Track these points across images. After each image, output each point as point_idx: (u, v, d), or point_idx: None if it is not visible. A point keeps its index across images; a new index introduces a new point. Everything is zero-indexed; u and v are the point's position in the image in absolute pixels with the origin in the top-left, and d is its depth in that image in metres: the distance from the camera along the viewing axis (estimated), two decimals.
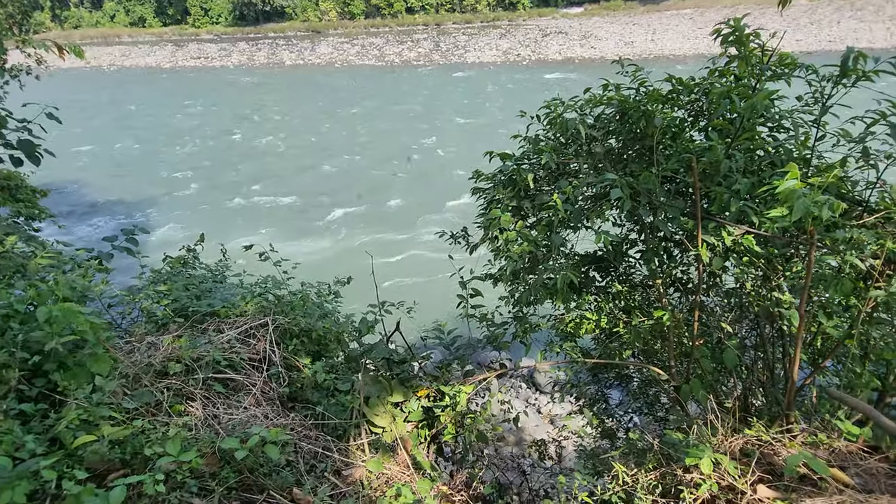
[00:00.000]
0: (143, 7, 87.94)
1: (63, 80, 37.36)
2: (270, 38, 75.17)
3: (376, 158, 24.69)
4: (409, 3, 78.17)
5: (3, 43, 7.03)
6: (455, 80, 43.29)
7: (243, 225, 18.23)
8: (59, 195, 20.99)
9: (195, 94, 42.23)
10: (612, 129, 3.77)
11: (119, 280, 4.55)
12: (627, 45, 51.59)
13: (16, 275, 3.00)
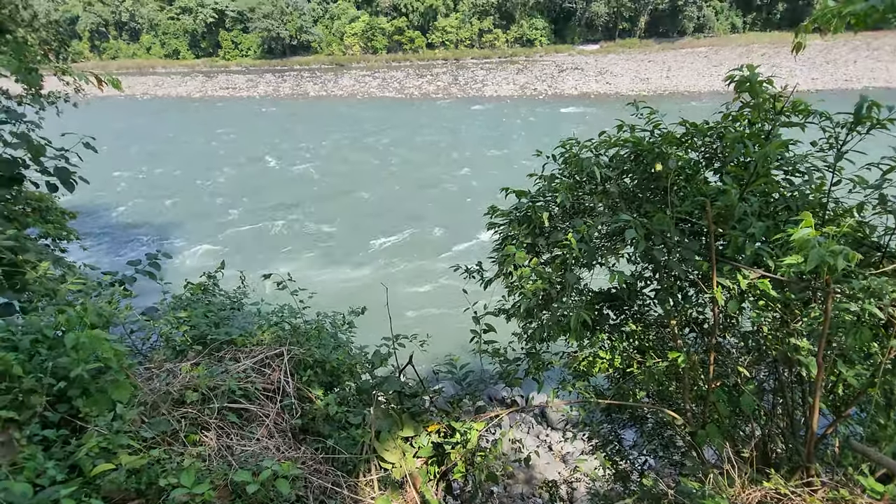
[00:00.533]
0: (177, 40, 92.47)
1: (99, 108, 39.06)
2: (296, 70, 78.15)
3: (409, 187, 25.04)
4: (429, 39, 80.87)
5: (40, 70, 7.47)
6: (473, 112, 44.22)
7: (282, 251, 18.52)
8: (94, 217, 21.73)
9: (226, 123, 43.79)
10: (627, 168, 3.82)
11: (141, 303, 4.67)
12: (643, 82, 52.33)
13: (45, 298, 3.12)
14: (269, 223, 21.45)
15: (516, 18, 79.91)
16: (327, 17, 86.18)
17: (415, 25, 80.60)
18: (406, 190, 24.53)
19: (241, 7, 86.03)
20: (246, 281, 4.88)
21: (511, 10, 78.92)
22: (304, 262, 17.47)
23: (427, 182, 25.42)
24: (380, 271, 16.66)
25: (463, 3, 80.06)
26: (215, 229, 20.82)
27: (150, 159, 32.45)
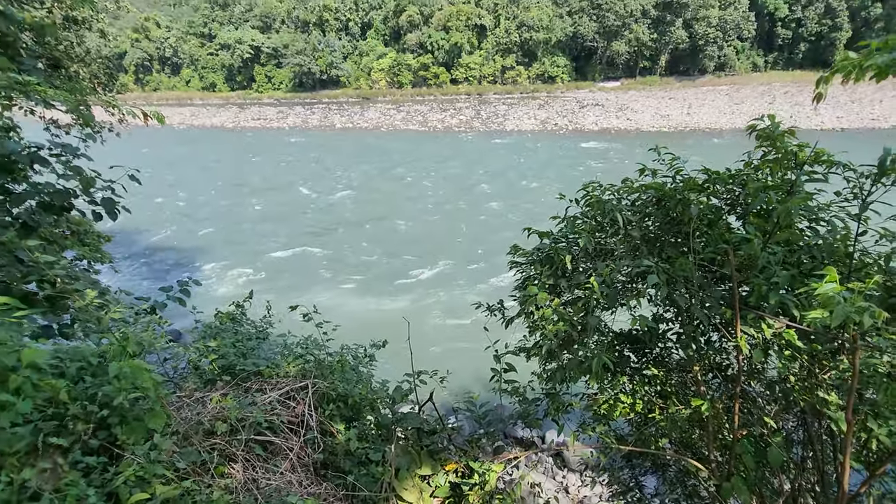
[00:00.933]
0: (215, 74, 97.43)
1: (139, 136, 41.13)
2: (324, 103, 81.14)
3: (442, 219, 25.25)
4: (453, 74, 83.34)
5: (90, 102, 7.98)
6: (494, 145, 44.95)
7: (317, 279, 18.70)
8: (128, 241, 22.50)
9: (259, 152, 45.46)
10: (649, 212, 3.88)
11: (168, 324, 4.84)
12: (663, 118, 52.61)
13: (88, 325, 3.28)
14: (303, 250, 21.82)
15: (538, 56, 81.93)
16: (356, 53, 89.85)
17: (440, 62, 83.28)
18: (439, 221, 24.71)
19: (276, 44, 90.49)
20: (272, 310, 5.02)
21: (533, 48, 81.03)
22: (338, 291, 17.60)
23: (459, 214, 25.60)
24: (413, 303, 16.55)
25: (487, 42, 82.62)
26: (250, 256, 21.25)
27: (185, 186, 33.65)
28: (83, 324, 3.22)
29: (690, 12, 74.18)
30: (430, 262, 19.82)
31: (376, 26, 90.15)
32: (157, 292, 4.90)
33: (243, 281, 18.65)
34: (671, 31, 74.92)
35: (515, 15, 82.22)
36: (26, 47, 8.37)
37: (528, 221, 4.38)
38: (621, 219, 3.45)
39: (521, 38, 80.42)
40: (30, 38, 8.36)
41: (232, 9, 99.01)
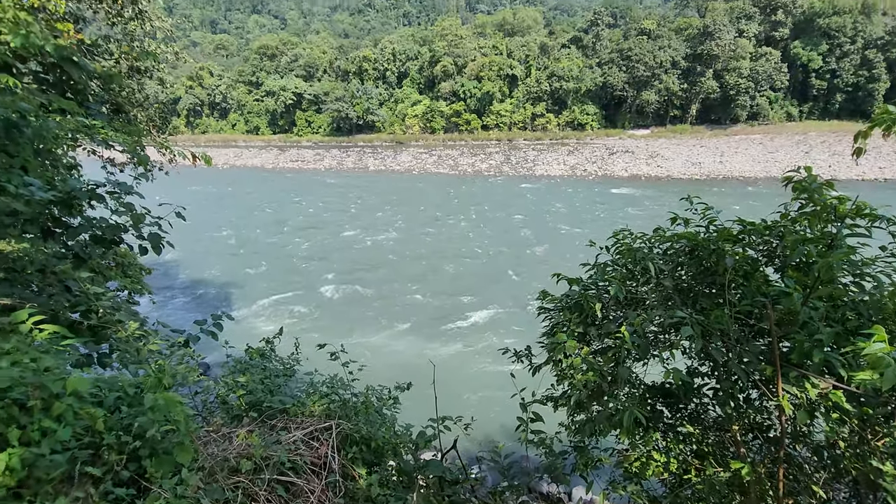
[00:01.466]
0: (259, 118, 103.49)
1: (187, 175, 43.42)
2: (359, 146, 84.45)
3: (488, 263, 25.10)
4: (484, 121, 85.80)
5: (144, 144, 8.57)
6: (523, 189, 45.40)
7: (368, 318, 18.68)
8: (168, 273, 23.39)
9: (300, 192, 47.24)
10: (682, 261, 3.81)
11: (198, 354, 4.94)
12: (695, 166, 52.24)
13: (127, 355, 3.40)
14: (347, 289, 21.87)
15: (568, 104, 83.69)
16: (392, 100, 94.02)
17: (471, 109, 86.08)
18: (484, 265, 24.47)
19: (318, 91, 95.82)
20: (300, 347, 5.08)
21: (563, 96, 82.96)
22: (381, 331, 17.31)
23: (502, 258, 25.38)
24: (455, 347, 16.19)
25: (518, 90, 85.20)
26: (293, 293, 21.43)
27: (227, 223, 35.06)
28: (122, 354, 3.34)
29: (721, 63, 74.89)
30: (476, 305, 19.53)
31: (412, 75, 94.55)
32: (191, 325, 5.06)
33: (285, 317, 18.84)
34: (701, 81, 75.55)
35: (546, 65, 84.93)
36: (94, 93, 9.13)
37: (562, 266, 4.36)
38: (653, 268, 3.40)
39: (552, 87, 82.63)
40: (97, 85, 9.13)
41: (279, 59, 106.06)
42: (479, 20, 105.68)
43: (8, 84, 5.26)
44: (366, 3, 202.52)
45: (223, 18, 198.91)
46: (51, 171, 6.32)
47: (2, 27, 5.68)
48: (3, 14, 5.81)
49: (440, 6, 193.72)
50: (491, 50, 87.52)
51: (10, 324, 2.61)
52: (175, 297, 21.34)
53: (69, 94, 7.92)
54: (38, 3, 7.90)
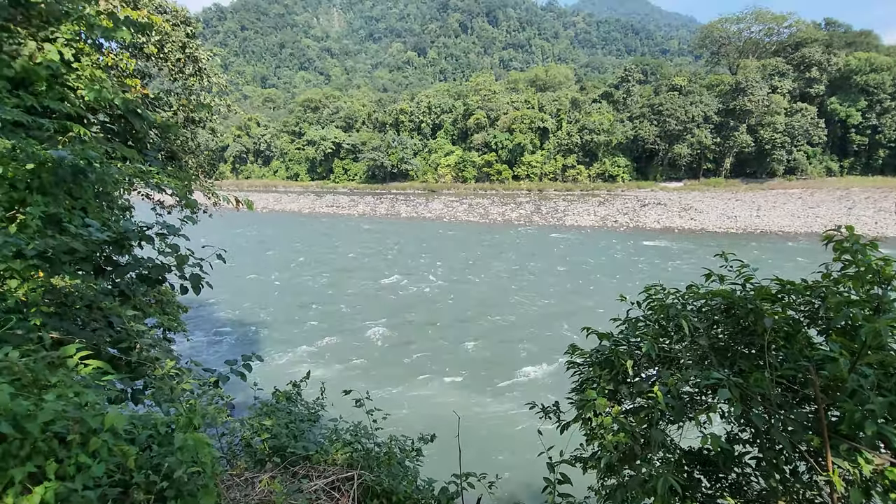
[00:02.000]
0: (299, 165, 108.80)
1: (228, 217, 45.31)
2: (393, 194, 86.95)
3: (538, 315, 24.29)
4: (515, 171, 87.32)
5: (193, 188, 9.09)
6: (553, 239, 45.25)
7: (408, 367, 18.29)
8: (204, 312, 24.05)
9: (338, 236, 48.37)
10: (718, 320, 3.70)
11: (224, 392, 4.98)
12: (730, 219, 51.07)
13: (162, 393, 3.49)
14: (387, 335, 21.47)
15: (599, 156, 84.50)
16: (426, 150, 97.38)
17: (503, 160, 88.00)
18: (535, 317, 23.76)
19: (355, 141, 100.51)
20: (326, 392, 5.08)
21: (594, 149, 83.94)
22: (412, 380, 17.02)
23: (551, 311, 24.76)
24: (493, 401, 15.48)
25: (549, 142, 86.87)
26: (334, 337, 21.29)
27: (263, 264, 36.15)
28: (157, 392, 3.43)
29: (755, 118, 74.68)
30: (507, 356, 18.96)
31: (446, 127, 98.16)
32: (221, 364, 5.16)
33: (318, 361, 18.65)
34: (735, 135, 75.26)
35: (577, 119, 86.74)
36: (152, 142, 9.84)
37: (592, 318, 4.28)
38: (687, 326, 3.31)
39: (582, 139, 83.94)
40: (156, 133, 9.85)
41: (321, 111, 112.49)
42: (512, 76, 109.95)
43: (79, 133, 5.76)
44: (404, 61, 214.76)
45: (273, 74, 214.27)
46: (107, 211, 6.76)
47: (80, 83, 6.30)
48: (82, 72, 6.46)
49: (475, 64, 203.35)
50: (523, 104, 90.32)
51: (58, 357, 2.75)
52: (208, 336, 21.81)
53: (130, 143, 8.57)
54: (111, 61, 8.76)
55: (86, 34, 6.71)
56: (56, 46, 5.88)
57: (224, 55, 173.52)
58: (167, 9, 13.30)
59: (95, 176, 5.33)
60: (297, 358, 18.96)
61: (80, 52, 6.63)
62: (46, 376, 2.51)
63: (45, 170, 4.76)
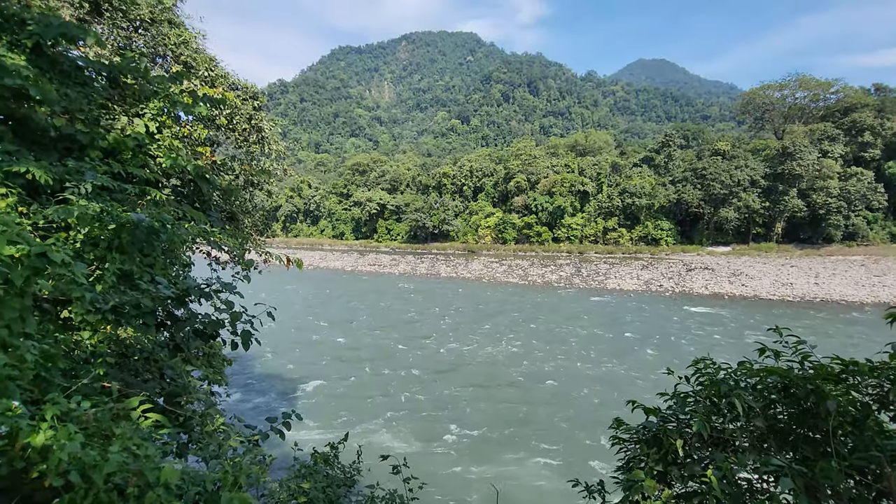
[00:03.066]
0: (345, 225, 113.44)
1: (276, 274, 47.19)
2: (433, 254, 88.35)
3: (574, 380, 23.30)
4: (555, 233, 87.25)
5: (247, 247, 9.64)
6: (593, 303, 44.06)
7: (444, 430, 17.70)
8: (246, 366, 24.56)
9: (379, 295, 48.87)
10: (775, 399, 3.49)
11: None
12: (785, 286, 48.27)
13: (209, 448, 3.60)
14: (454, 405, 20.43)
15: (641, 219, 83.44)
16: (466, 212, 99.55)
17: (542, 222, 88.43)
18: (575, 384, 22.66)
19: (399, 202, 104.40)
20: (361, 456, 5.03)
21: (636, 212, 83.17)
22: (459, 447, 16.32)
23: (591, 377, 23.66)
24: (556, 476, 14.28)
25: (589, 205, 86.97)
26: (384, 399, 20.93)
27: (306, 321, 36.89)
28: (205, 447, 3.54)
29: (806, 183, 72.40)
30: (567, 430, 17.70)
31: (487, 190, 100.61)
32: (260, 420, 5.25)
33: (363, 422, 18.34)
34: (785, 199, 72.90)
35: (617, 182, 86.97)
36: (216, 203, 10.64)
37: (642, 390, 4.12)
38: (741, 405, 3.15)
39: (623, 202, 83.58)
40: (218, 196, 10.66)
41: (369, 174, 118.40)
42: (552, 142, 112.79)
43: (155, 197, 6.37)
44: (448, 128, 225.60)
45: (326, 141, 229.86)
46: (169, 268, 7.27)
47: (159, 152, 7.04)
48: (163, 142, 7.24)
49: (516, 130, 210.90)
50: (563, 168, 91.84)
51: (122, 409, 2.93)
52: (247, 389, 22.11)
53: (197, 204, 9.32)
54: (186, 131, 9.76)
55: (168, 110, 7.58)
56: (143, 121, 6.65)
57: (284, 124, 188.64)
58: (238, 86, 14.82)
59: (167, 236, 5.83)
60: (336, 417, 18.80)
61: (163, 125, 7.47)
62: (111, 427, 2.67)
63: (125, 230, 5.21)
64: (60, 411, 2.37)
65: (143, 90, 7.14)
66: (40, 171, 4.52)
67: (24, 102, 5.49)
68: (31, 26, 5.58)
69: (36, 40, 5.63)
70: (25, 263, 2.82)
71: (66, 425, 2.21)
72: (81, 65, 6.51)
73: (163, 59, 12.81)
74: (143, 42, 12.00)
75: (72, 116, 6.36)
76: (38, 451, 2.19)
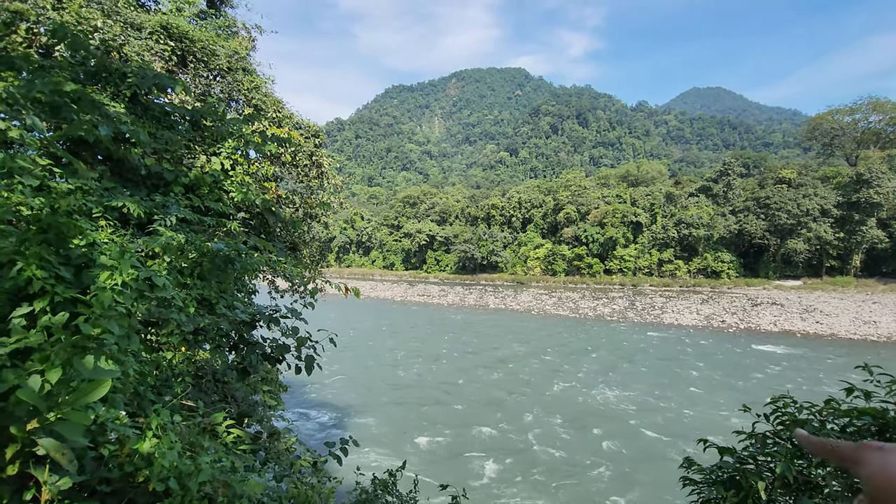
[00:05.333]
0: (395, 256, 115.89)
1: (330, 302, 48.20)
2: (482, 285, 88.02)
3: (636, 421, 22.12)
4: (607, 265, 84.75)
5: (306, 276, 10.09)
6: (650, 338, 42.00)
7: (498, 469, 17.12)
8: (302, 391, 25.18)
9: (430, 326, 48.96)
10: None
11: None
12: (868, 325, 43.99)
13: (281, 465, 3.76)
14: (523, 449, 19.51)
15: (699, 251, 79.61)
16: (515, 243, 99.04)
17: (594, 253, 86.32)
18: (637, 425, 21.39)
19: (448, 234, 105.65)
20: (418, 485, 5.03)
21: (693, 243, 79.52)
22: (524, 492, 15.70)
23: (653, 417, 22.32)
24: None
25: (642, 236, 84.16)
26: (428, 429, 20.78)
27: (359, 349, 37.47)
28: (279, 465, 3.70)
29: (886, 212, 66.74)
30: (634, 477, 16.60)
31: (536, 221, 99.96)
32: (318, 446, 5.40)
33: (414, 450, 18.37)
34: (862, 230, 67.34)
35: (673, 213, 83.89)
36: (278, 235, 11.29)
37: (703, 430, 3.93)
38: None
39: (679, 233, 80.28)
40: (281, 227, 11.30)
41: (419, 206, 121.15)
42: (603, 172, 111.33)
43: (231, 228, 6.86)
44: (497, 161, 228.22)
45: (378, 175, 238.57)
46: (237, 296, 7.74)
47: (232, 187, 7.64)
48: (235, 178, 7.85)
49: (565, 162, 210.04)
50: (614, 198, 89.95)
51: (209, 424, 3.16)
52: (301, 415, 22.59)
53: (262, 235, 9.93)
54: (255, 168, 10.52)
55: (241, 149, 8.25)
56: (220, 159, 7.27)
57: (340, 160, 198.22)
58: (302, 125, 15.87)
59: (241, 264, 6.25)
60: (389, 443, 18.81)
61: (236, 163, 8.13)
62: (200, 441, 2.89)
63: (206, 259, 5.63)
64: (163, 422, 2.60)
65: (220, 131, 7.83)
66: (134, 205, 5.03)
67: (122, 145, 6.19)
68: (130, 79, 6.35)
69: (133, 90, 6.39)
70: (133, 287, 3.16)
71: (168, 434, 2.43)
72: (168, 110, 7.28)
73: (236, 103, 13.95)
74: (220, 88, 13.16)
75: (160, 156, 7.06)
76: (143, 458, 2.41)
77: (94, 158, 6.10)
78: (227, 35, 14.08)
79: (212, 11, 14.35)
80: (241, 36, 14.45)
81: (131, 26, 10.31)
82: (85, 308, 2.49)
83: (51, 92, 4.58)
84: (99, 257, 3.15)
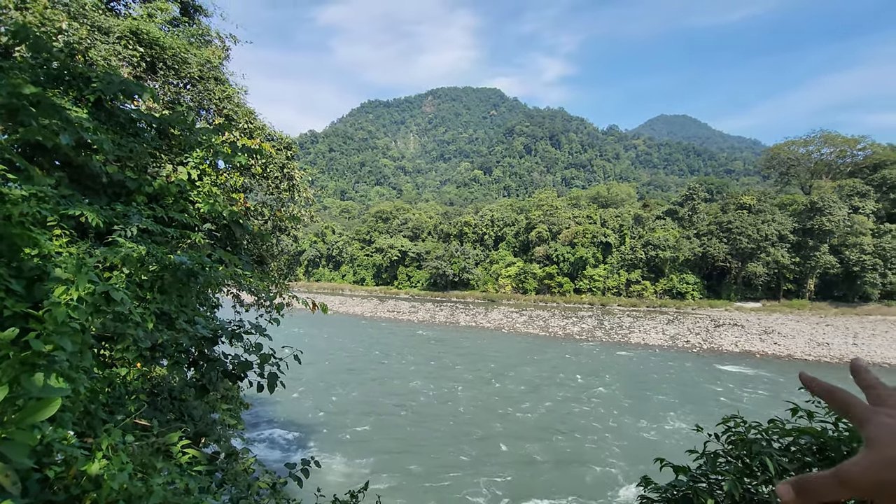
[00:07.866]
0: (366, 271, 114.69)
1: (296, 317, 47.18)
2: (452, 301, 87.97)
3: (602, 437, 22.38)
4: (577, 284, 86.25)
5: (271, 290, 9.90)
6: (619, 357, 42.76)
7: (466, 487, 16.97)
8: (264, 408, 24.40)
9: (399, 344, 48.72)
10: (809, 461, 3.39)
11: None
12: (821, 346, 46.07)
13: (237, 486, 3.65)
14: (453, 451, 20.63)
15: (665, 272, 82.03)
16: (487, 261, 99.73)
17: (564, 272, 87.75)
18: (604, 442, 21.64)
19: (420, 250, 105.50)
20: None
21: (660, 264, 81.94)
22: None
23: (616, 435, 22.58)
24: None
25: (612, 257, 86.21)
26: (388, 449, 20.43)
27: (322, 366, 36.80)
28: (237, 487, 3.60)
29: (837, 239, 70.60)
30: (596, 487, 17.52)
31: (508, 240, 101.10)
32: (279, 466, 5.26)
33: (377, 469, 17.88)
34: (816, 255, 70.97)
35: (641, 234, 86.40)
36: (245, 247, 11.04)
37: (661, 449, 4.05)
38: (773, 465, 3.09)
39: (647, 254, 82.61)
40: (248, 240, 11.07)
41: (391, 222, 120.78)
42: (574, 193, 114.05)
43: (195, 240, 6.70)
44: (471, 178, 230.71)
45: (351, 189, 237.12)
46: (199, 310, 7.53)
47: (198, 198, 7.48)
48: (202, 188, 7.70)
49: (538, 181, 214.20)
50: (585, 219, 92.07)
51: (163, 444, 3.06)
52: (261, 434, 21.87)
53: (228, 248, 9.71)
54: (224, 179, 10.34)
55: (210, 159, 8.11)
56: (187, 168, 7.11)
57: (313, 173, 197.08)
58: (274, 137, 15.71)
59: (204, 278, 6.10)
60: (351, 464, 18.38)
61: (203, 173, 7.97)
62: (153, 461, 2.80)
63: (167, 272, 5.47)
64: (114, 442, 2.52)
65: (188, 141, 7.67)
66: (93, 214, 4.85)
67: (83, 151, 5.99)
68: (95, 83, 6.19)
69: (98, 95, 6.22)
70: (89, 301, 3.06)
71: (118, 455, 2.35)
72: (135, 117, 7.10)
73: (206, 112, 13.71)
74: (190, 96, 12.93)
75: (123, 164, 6.86)
76: (91, 480, 2.32)
77: (52, 164, 5.88)
78: (200, 44, 13.88)
79: (185, 19, 14.16)
80: (214, 45, 14.27)
81: (99, 30, 10.06)
82: (36, 323, 2.41)
83: (8, 94, 4.44)
84: (54, 270, 3.05)
